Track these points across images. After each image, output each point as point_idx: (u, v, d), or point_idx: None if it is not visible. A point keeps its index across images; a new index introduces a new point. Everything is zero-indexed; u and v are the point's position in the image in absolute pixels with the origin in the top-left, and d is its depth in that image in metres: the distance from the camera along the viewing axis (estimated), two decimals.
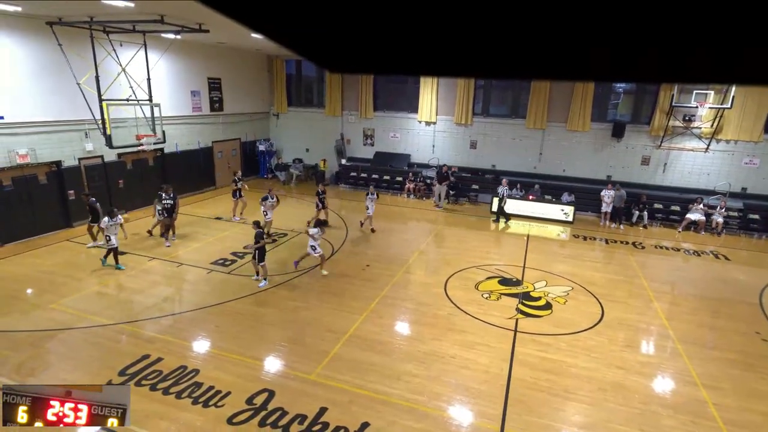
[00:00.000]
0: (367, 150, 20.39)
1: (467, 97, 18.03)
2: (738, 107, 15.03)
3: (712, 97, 15.07)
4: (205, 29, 11.90)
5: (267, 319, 8.29)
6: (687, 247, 13.63)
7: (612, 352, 7.55)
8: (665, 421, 5.96)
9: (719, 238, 14.49)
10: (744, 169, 15.69)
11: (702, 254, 13.00)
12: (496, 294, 9.61)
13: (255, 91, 20.51)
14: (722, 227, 14.76)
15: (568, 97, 16.88)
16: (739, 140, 15.48)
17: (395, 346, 7.55)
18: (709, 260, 12.62)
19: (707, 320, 8.92)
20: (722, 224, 14.74)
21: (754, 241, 14.61)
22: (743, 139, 15.41)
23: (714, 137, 15.60)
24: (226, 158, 19.19)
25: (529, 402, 6.22)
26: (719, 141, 15.70)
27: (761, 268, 12.08)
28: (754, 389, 6.72)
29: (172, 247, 11.61)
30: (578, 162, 17.39)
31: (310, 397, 6.12)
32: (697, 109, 15.36)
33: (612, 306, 9.25)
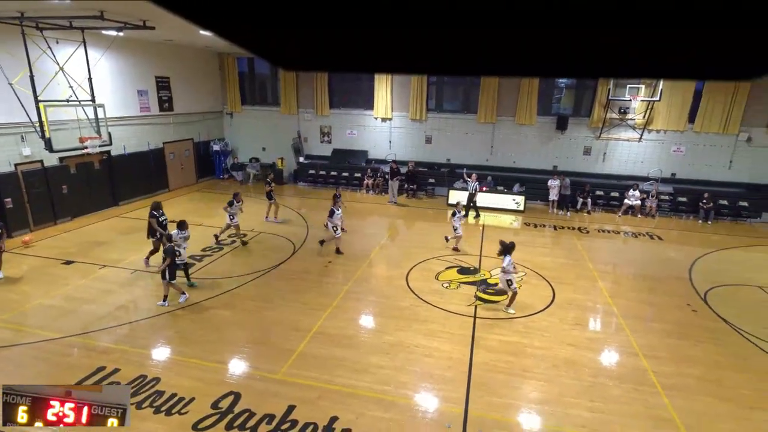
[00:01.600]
0: (325, 147, 20.18)
1: (421, 93, 18.24)
2: (666, 100, 16.17)
3: (643, 90, 16.10)
4: (150, 26, 11.27)
5: (230, 321, 8.05)
6: (626, 229, 14.54)
7: (563, 331, 7.95)
8: (612, 391, 6.35)
9: (653, 221, 15.56)
10: (672, 157, 16.92)
11: (639, 236, 13.91)
12: (455, 283, 9.84)
13: (207, 90, 19.70)
14: (656, 210, 15.87)
15: (516, 93, 17.47)
16: (667, 130, 16.66)
17: (361, 339, 7.57)
18: (645, 241, 13.52)
19: (645, 296, 9.57)
20: (655, 207, 15.84)
21: (683, 221, 15.81)
22: (671, 129, 16.61)
23: (646, 128, 16.71)
24: (179, 159, 18.35)
25: (490, 383, 6.43)
26: (651, 131, 16.83)
27: (690, 246, 13.10)
28: (687, 355, 7.30)
29: (124, 252, 10.99)
30: (527, 154, 18.07)
31: (278, 396, 6.02)
32: (631, 102, 16.35)
33: (562, 288, 9.72)
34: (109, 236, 12.29)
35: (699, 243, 13.37)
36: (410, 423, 5.64)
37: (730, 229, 14.92)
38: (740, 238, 13.90)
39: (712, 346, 7.60)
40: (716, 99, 15.93)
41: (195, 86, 18.82)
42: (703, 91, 16.06)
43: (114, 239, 12.08)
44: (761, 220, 15.68)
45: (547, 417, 5.82)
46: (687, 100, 16.24)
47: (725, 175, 16.55)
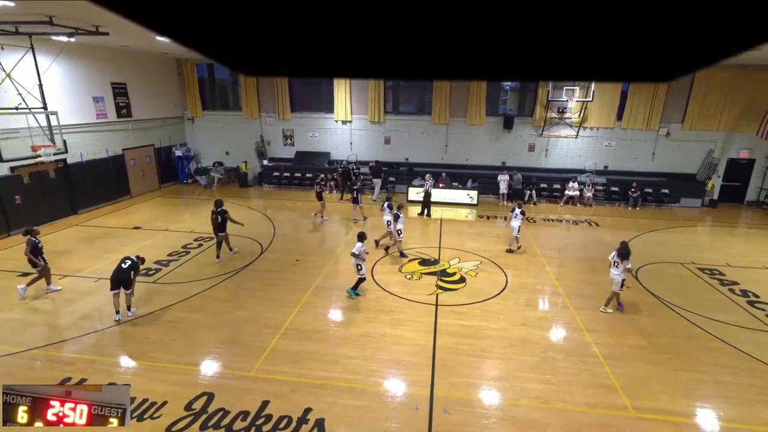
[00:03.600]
0: (288, 150, 19.80)
1: (378, 97, 18.27)
2: (597, 100, 17.10)
3: (578, 92, 16.93)
4: (103, 32, 10.59)
5: (200, 323, 7.75)
6: (567, 218, 15.27)
7: (517, 313, 8.25)
8: (560, 364, 6.67)
9: (591, 209, 16.44)
10: (605, 151, 17.93)
11: (579, 223, 14.66)
12: (417, 274, 9.96)
13: (166, 96, 18.77)
14: (592, 199, 16.78)
15: (465, 95, 17.87)
16: (599, 127, 17.63)
17: (331, 332, 7.52)
18: (584, 227, 14.26)
19: (587, 277, 10.11)
20: (592, 197, 16.75)
21: (616, 208, 16.80)
22: (603, 126, 17.59)
23: (581, 125, 17.61)
24: (140, 166, 17.40)
25: (453, 365, 6.58)
26: (585, 128, 17.74)
27: (622, 230, 13.94)
28: (623, 327, 7.79)
29: (87, 261, 10.31)
30: (478, 151, 18.56)
31: (251, 393, 5.87)
32: (568, 103, 17.16)
33: (514, 273, 10.08)
34: (69, 245, 11.49)
35: (630, 227, 14.26)
36: (381, 408, 5.68)
37: (654, 213, 16.03)
38: (663, 221, 14.96)
39: (644, 318, 8.14)
40: (639, 99, 17.03)
41: (153, 92, 17.88)
42: (628, 92, 17.11)
43: (75, 248, 11.30)
44: (680, 205, 16.96)
45: (505, 392, 6.03)
46: (615, 100, 17.26)
47: (649, 166, 17.75)
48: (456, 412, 5.61)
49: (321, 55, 0.44)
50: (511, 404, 5.79)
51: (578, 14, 0.35)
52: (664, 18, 0.34)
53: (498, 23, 0.36)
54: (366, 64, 0.45)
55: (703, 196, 17.07)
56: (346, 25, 0.38)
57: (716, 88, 16.36)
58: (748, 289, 9.47)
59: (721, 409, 5.77)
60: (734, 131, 16.93)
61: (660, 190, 16.94)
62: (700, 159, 17.45)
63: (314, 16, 0.37)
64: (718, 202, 17.15)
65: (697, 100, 16.70)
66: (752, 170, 17.32)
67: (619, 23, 0.35)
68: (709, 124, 16.86)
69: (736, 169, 17.37)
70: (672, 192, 16.93)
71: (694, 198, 17.04)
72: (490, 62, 0.43)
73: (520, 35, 0.37)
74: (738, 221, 15.55)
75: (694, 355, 6.97)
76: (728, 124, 16.82)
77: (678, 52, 0.39)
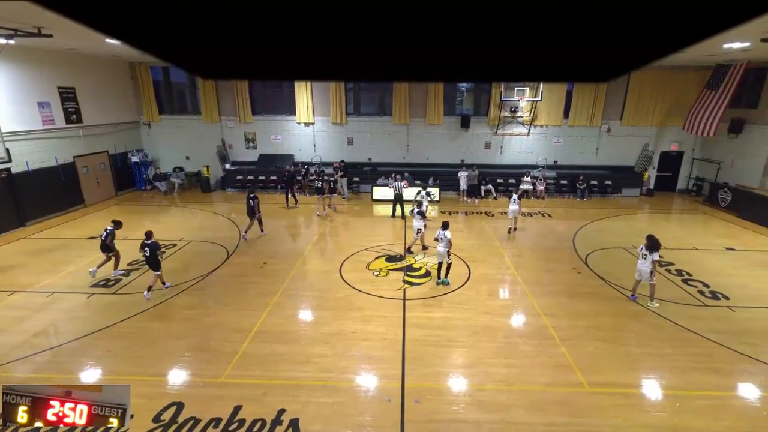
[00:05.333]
0: (251, 153, 19.26)
1: (339, 98, 18.14)
2: (546, 100, 17.86)
3: (528, 92, 17.60)
4: (47, 34, 9.83)
5: (166, 332, 7.39)
6: (523, 210, 15.82)
7: (480, 302, 8.48)
8: (522, 348, 6.93)
9: (543, 201, 17.16)
10: (554, 147, 18.76)
11: (534, 215, 15.26)
12: (384, 271, 10.01)
13: (119, 100, 17.69)
14: (544, 193, 17.52)
15: (424, 96, 18.11)
16: (548, 125, 18.42)
17: (301, 333, 7.40)
18: (538, 219, 14.87)
19: (542, 265, 10.55)
20: (544, 190, 17.49)
21: (566, 200, 17.64)
22: (551, 124, 18.39)
23: (532, 123, 18.32)
24: (94, 173, 16.33)
25: (422, 356, 6.67)
26: (536, 126, 18.48)
27: (572, 220, 14.66)
28: (576, 310, 8.20)
29: (38, 275, 9.57)
30: (437, 150, 18.87)
31: (223, 399, 5.68)
32: (519, 102, 17.81)
33: (476, 265, 10.35)
34: (17, 259, 10.61)
35: (578, 217, 15.02)
36: (354, 403, 5.66)
37: (600, 203, 16.98)
38: (608, 210, 15.87)
39: (594, 300, 8.61)
40: (583, 98, 17.96)
41: (105, 97, 16.80)
42: (573, 92, 17.99)
43: (23, 262, 10.45)
44: (621, 195, 18.08)
45: (472, 378, 6.19)
46: (561, 99, 18.09)
47: (593, 160, 18.76)
48: (427, 401, 5.69)
49: (279, 57, 0.43)
50: (478, 389, 5.95)
51: (524, 21, 0.36)
52: (601, 24, 0.36)
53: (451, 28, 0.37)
54: (325, 66, 0.45)
55: (641, 186, 18.29)
56: (303, 27, 0.37)
57: (649, 88, 17.56)
58: (682, 268, 10.24)
59: (663, 378, 6.21)
60: (665, 126, 18.23)
61: (604, 182, 17.99)
62: (637, 152, 18.66)
63: (271, 18, 0.36)
64: (654, 191, 18.45)
65: (633, 98, 17.84)
66: (681, 161, 18.76)
67: (561, 29, 0.37)
68: (644, 120, 18.06)
69: (668, 161, 18.75)
70: (614, 183, 18.03)
71: (634, 188, 18.22)
72: (445, 64, 0.44)
73: (471, 39, 0.38)
74: (671, 208, 16.77)
75: (638, 331, 7.45)
76: (660, 120, 18.09)
77: (614, 55, 0.42)
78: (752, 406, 5.71)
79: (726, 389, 6.00)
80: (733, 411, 5.58)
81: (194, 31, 0.38)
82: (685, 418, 5.42)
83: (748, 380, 6.19)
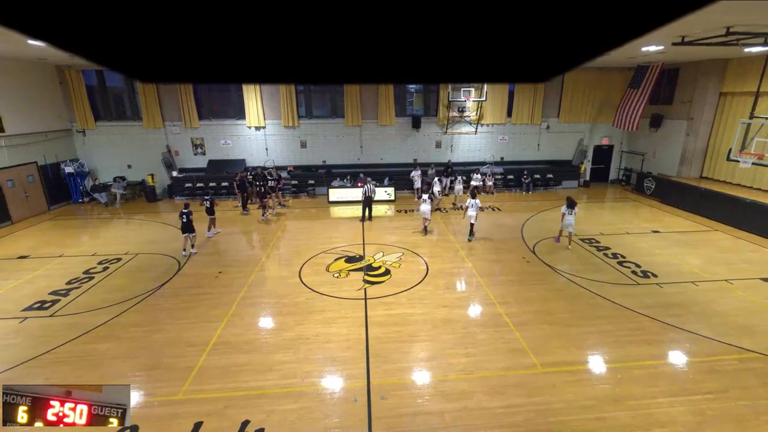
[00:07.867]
0: (200, 159, 18.36)
1: (290, 101, 17.77)
2: (490, 100, 18.61)
3: (474, 93, 18.25)
4: None
5: (111, 353, 6.85)
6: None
7: (438, 296, 8.67)
8: (479, 337, 7.18)
9: (492, 196, 17.88)
10: (500, 144, 19.60)
11: (484, 209, 15.84)
12: (344, 272, 9.94)
13: (46, 107, 16.13)
14: (493, 188, 18.26)
15: (375, 97, 18.20)
16: (494, 123, 19.21)
17: (262, 341, 7.17)
18: (489, 213, 15.46)
19: (494, 256, 10.98)
20: (492, 186, 18.23)
21: (513, 194, 18.49)
22: (496, 123, 19.20)
23: (479, 122, 19.02)
24: (21, 187, 14.80)
25: (385, 353, 6.70)
26: (483, 125, 19.21)
27: (519, 212, 15.39)
28: (526, 296, 8.62)
29: None
30: (391, 150, 19.05)
31: (181, 417, 5.37)
32: (466, 103, 18.41)
33: (433, 261, 10.57)
34: None
35: (525, 209, 15.80)
36: (320, 407, 5.58)
37: (543, 196, 17.97)
38: (551, 201, 16.83)
39: (542, 286, 9.10)
40: (524, 98, 18.92)
41: (29, 103, 15.25)
42: (514, 92, 18.90)
43: None
44: (562, 187, 19.26)
45: (435, 370, 6.32)
46: (504, 99, 18.95)
47: (536, 155, 19.83)
48: (392, 396, 5.73)
49: (222, 60, 0.41)
50: (441, 380, 6.08)
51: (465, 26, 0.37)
52: (535, 29, 0.38)
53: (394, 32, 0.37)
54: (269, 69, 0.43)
55: (579, 178, 19.60)
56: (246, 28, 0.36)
57: (581, 87, 18.85)
58: (618, 251, 11.10)
59: (605, 353, 6.69)
60: (597, 122, 19.67)
61: (546, 176, 19.08)
62: (573, 147, 19.96)
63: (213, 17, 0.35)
64: (590, 182, 19.86)
65: (568, 97, 19.07)
66: (612, 154, 20.35)
67: (499, 32, 0.38)
68: (578, 117, 19.37)
69: (600, 154, 20.27)
70: (555, 176, 19.18)
71: (572, 180, 19.48)
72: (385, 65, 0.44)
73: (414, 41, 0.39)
74: (605, 197, 18.12)
75: (581, 312, 7.98)
76: (592, 116, 19.49)
77: (549, 58, 0.45)
78: (681, 371, 6.31)
79: (658, 358, 6.58)
80: (666, 377, 6.14)
81: (130, 28, 0.35)
82: (625, 388, 5.89)
83: (676, 348, 6.84)
